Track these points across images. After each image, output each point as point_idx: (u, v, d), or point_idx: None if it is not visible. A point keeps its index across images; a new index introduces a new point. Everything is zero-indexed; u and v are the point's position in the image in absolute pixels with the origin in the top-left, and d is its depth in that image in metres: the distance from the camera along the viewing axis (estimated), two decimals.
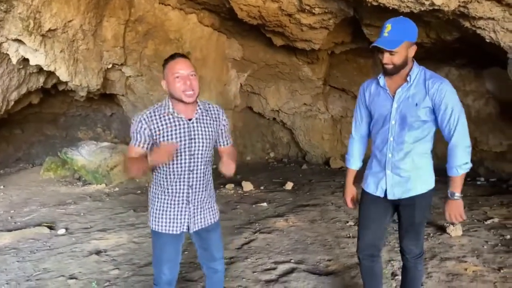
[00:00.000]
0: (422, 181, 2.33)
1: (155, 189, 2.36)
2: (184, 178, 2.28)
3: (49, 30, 5.69)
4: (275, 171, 9.16)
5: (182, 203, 2.31)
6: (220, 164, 2.26)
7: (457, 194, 2.26)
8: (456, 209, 2.27)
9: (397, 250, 2.45)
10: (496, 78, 7.62)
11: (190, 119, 2.26)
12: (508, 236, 4.14)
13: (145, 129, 2.21)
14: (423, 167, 2.33)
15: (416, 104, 2.23)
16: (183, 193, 2.30)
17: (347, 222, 4.89)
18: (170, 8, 7.76)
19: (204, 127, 2.30)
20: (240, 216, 5.40)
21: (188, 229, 2.35)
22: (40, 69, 6.37)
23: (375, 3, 4.72)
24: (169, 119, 2.23)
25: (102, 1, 6.67)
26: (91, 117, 11.05)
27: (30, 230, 4.73)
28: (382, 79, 2.37)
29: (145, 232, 4.68)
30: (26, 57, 5.70)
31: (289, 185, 7.19)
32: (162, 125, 2.21)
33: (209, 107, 2.39)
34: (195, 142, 2.26)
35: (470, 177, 7.94)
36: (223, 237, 4.40)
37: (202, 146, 2.29)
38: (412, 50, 2.24)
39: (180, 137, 2.22)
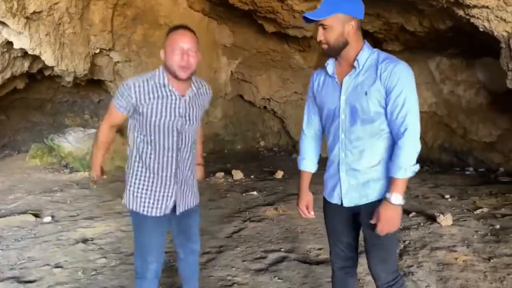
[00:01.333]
0: (384, 184, 1.92)
1: (139, 167, 2.19)
2: (172, 156, 2.17)
3: (34, 12, 5.50)
4: (265, 160, 9.11)
5: (170, 182, 2.18)
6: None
7: (401, 197, 1.81)
8: (393, 217, 1.82)
9: None
10: (487, 68, 7.60)
11: (183, 95, 2.15)
12: (498, 226, 4.15)
13: (131, 98, 2.07)
14: (384, 167, 1.92)
15: (366, 93, 1.87)
16: (171, 171, 2.18)
17: None
18: None
19: (195, 105, 2.22)
20: (230, 204, 5.35)
21: (174, 210, 2.23)
22: (25, 53, 6.18)
23: None
24: (161, 91, 2.10)
25: None
26: (78, 103, 10.85)
27: (15, 218, 4.62)
28: (330, 66, 2.02)
29: None
30: (10, 40, 5.52)
31: (279, 174, 7.15)
32: (153, 97, 2.08)
33: (201, 85, 2.30)
34: (184, 120, 2.16)
35: (459, 167, 8.00)
36: (213, 226, 4.37)
37: (191, 125, 2.21)
38: (350, 27, 1.88)
39: (170, 112, 2.11)
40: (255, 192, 5.93)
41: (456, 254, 3.51)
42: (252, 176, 7.12)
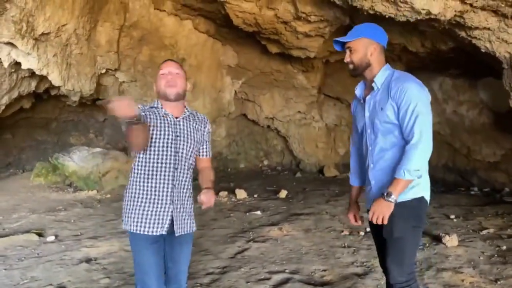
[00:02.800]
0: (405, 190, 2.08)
1: (136, 187, 2.24)
2: (169, 175, 2.22)
3: (42, 34, 5.62)
4: (268, 179, 9.10)
5: (166, 202, 2.21)
6: (201, 194, 2.23)
7: (393, 196, 2.00)
8: (382, 210, 2.01)
9: None
10: (490, 88, 7.65)
11: (177, 118, 2.30)
12: (504, 247, 4.10)
13: (139, 110, 2.20)
14: None
15: (382, 109, 2.12)
16: (167, 191, 2.22)
17: (342, 231, 4.84)
18: (166, 14, 7.74)
19: (190, 127, 2.34)
20: (234, 224, 5.33)
21: (171, 231, 2.23)
22: (32, 73, 6.29)
23: (371, 12, 4.72)
24: (157, 114, 2.27)
25: (97, 5, 6.62)
26: (83, 122, 10.93)
27: (19, 237, 4.61)
28: (358, 90, 2.33)
29: None
30: (18, 61, 5.63)
31: (283, 193, 7.13)
32: (151, 118, 2.24)
33: (196, 113, 2.44)
34: (180, 140, 2.27)
35: (464, 187, 7.97)
36: (216, 246, 4.35)
37: (187, 145, 2.29)
38: (373, 50, 2.15)
39: (166, 132, 2.24)
40: (258, 212, 5.91)
41: (463, 276, 3.47)
42: (255, 195, 7.11)
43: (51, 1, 5.57)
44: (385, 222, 2.03)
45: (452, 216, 5.38)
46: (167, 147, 2.23)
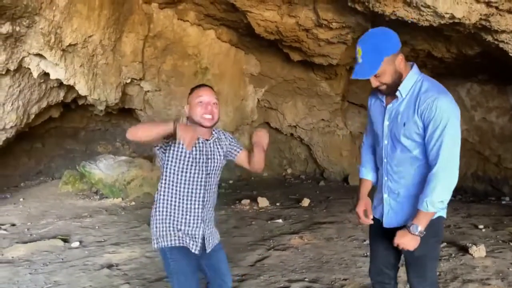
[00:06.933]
0: None
1: (167, 208, 2.28)
2: (200, 196, 2.30)
3: (70, 45, 5.80)
4: (292, 188, 9.04)
5: (197, 222, 2.29)
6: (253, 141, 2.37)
7: (420, 228, 1.87)
8: (408, 243, 1.90)
9: None
10: None
11: (207, 140, 2.36)
12: None
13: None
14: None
15: (404, 124, 1.93)
16: (197, 211, 2.30)
17: (365, 240, 4.74)
18: (189, 24, 7.87)
19: (219, 148, 2.42)
20: (254, 232, 5.30)
21: (204, 249, 2.33)
22: (60, 83, 6.49)
23: (393, 17, 4.65)
24: None
25: (122, 16, 6.79)
26: (110, 131, 11.18)
27: (45, 243, 4.73)
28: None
29: None
30: (46, 72, 5.82)
31: (305, 202, 7.06)
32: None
33: (220, 133, 2.50)
34: (211, 161, 2.34)
35: (494, 196, 7.69)
36: (236, 254, 4.33)
37: (217, 165, 2.38)
38: (400, 61, 1.94)
39: (199, 154, 2.29)
40: (280, 220, 5.87)
41: None
42: (278, 204, 7.06)
43: (78, 13, 5.76)
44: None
45: (481, 226, 5.19)
46: (199, 169, 2.27)
